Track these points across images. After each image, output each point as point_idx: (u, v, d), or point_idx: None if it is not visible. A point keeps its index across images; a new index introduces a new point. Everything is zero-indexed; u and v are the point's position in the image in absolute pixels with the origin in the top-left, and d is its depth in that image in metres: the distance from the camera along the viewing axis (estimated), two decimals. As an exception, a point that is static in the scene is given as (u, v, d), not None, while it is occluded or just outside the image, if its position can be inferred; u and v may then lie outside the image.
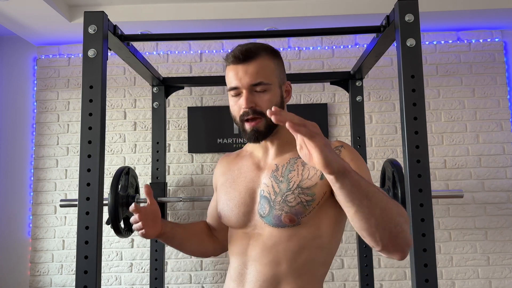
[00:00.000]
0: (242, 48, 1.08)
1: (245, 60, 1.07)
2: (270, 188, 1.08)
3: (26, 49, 2.73)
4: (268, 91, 1.08)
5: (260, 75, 1.06)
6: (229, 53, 1.10)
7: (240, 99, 1.08)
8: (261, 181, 1.12)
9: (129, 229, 2.24)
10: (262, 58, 1.08)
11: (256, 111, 1.07)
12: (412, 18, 1.40)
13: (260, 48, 1.10)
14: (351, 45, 2.67)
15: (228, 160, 1.26)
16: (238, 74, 1.07)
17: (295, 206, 1.04)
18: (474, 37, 2.63)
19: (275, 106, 0.76)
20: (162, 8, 2.38)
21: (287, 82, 1.17)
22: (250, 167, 1.16)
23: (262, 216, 1.09)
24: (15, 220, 2.63)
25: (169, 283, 2.53)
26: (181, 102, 2.66)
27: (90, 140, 1.38)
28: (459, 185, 2.52)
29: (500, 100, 2.58)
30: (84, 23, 1.44)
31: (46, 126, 2.66)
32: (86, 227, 1.33)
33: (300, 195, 1.05)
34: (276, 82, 1.10)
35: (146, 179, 2.57)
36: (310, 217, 1.05)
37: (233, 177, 1.18)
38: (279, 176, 1.09)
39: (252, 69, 1.06)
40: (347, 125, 2.58)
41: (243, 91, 1.07)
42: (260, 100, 1.07)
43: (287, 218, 1.04)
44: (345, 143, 1.12)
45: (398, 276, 2.50)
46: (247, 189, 1.13)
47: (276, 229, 1.07)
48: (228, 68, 1.10)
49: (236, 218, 1.13)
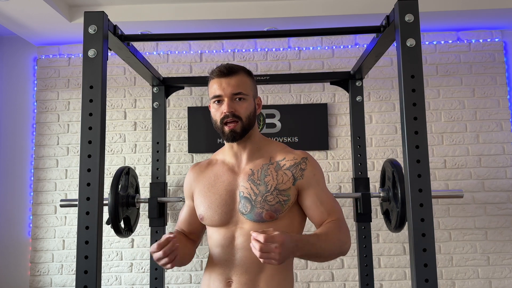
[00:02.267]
0: (226, 66, 1.32)
1: (228, 75, 1.30)
2: (249, 190, 1.30)
3: (26, 49, 2.73)
4: (245, 101, 1.31)
5: (240, 87, 1.30)
6: (214, 69, 1.33)
7: (222, 105, 1.29)
8: (238, 183, 1.33)
9: (129, 229, 2.24)
10: (241, 75, 1.32)
11: (235, 115, 1.28)
12: (412, 18, 1.40)
13: (239, 68, 1.34)
14: (351, 45, 2.67)
15: (201, 169, 1.43)
16: (221, 85, 1.29)
17: (275, 204, 1.28)
18: (474, 37, 2.63)
19: (259, 235, 1.08)
20: (162, 8, 2.38)
21: (258, 97, 1.40)
22: (226, 172, 1.36)
23: (244, 214, 1.30)
24: (15, 220, 2.63)
25: (169, 283, 2.53)
26: (181, 102, 2.66)
27: (90, 140, 1.38)
28: (459, 185, 2.52)
29: (500, 100, 2.58)
30: (84, 23, 1.44)
31: (46, 126, 2.66)
32: (86, 227, 1.33)
33: (279, 196, 1.29)
34: (251, 95, 1.33)
35: (146, 179, 2.58)
36: (285, 213, 1.30)
37: (210, 182, 1.37)
38: (256, 179, 1.31)
39: (234, 82, 1.30)
40: (347, 125, 2.58)
41: (225, 99, 1.29)
42: (239, 107, 1.30)
43: (267, 215, 1.27)
44: (309, 154, 1.37)
45: (398, 276, 2.50)
46: (227, 191, 1.33)
47: (257, 223, 1.29)
48: (212, 81, 1.32)
49: (220, 217, 1.32)
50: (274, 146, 1.40)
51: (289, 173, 1.31)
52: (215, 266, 1.33)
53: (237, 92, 1.29)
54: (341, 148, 2.59)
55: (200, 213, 1.36)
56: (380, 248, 2.52)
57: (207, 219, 1.34)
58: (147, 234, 2.54)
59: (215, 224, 1.33)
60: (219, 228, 1.33)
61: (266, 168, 1.32)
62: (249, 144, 1.35)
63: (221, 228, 1.32)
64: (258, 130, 1.42)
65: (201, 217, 1.36)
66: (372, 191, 2.39)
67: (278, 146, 1.40)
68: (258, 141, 1.37)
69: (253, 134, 1.36)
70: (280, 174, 1.31)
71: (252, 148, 1.36)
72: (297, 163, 1.33)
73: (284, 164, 1.33)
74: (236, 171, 1.36)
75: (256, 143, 1.36)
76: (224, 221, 1.31)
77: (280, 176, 1.31)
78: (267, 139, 1.43)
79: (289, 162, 1.33)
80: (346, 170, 2.56)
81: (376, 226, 2.52)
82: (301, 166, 1.33)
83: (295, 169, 1.32)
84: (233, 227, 1.31)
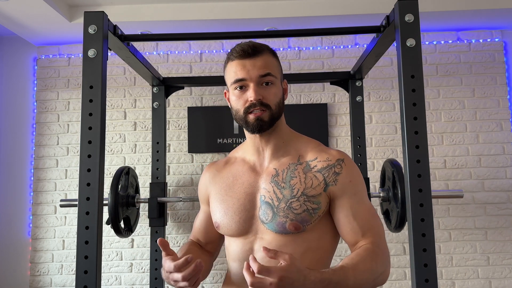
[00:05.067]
0: (249, 44, 1.11)
1: (253, 55, 1.09)
2: (272, 193, 1.09)
3: (26, 49, 2.73)
4: (273, 85, 1.10)
5: (267, 68, 1.09)
6: (234, 48, 1.11)
7: (247, 91, 1.08)
8: (260, 185, 1.12)
9: (129, 229, 2.24)
10: (267, 54, 1.12)
11: (263, 103, 1.08)
12: (412, 18, 1.40)
13: (264, 46, 1.13)
14: (351, 45, 2.67)
15: (217, 168, 1.24)
16: (245, 66, 1.08)
17: (301, 213, 1.06)
18: (474, 37, 2.63)
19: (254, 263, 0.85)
20: (162, 8, 2.38)
21: (285, 80, 1.20)
22: (246, 172, 1.16)
23: (264, 222, 1.09)
24: (15, 220, 2.63)
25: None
26: (181, 102, 2.66)
27: (90, 140, 1.38)
28: (459, 185, 2.52)
29: (500, 100, 2.58)
30: (84, 23, 1.44)
31: (46, 126, 2.66)
32: (86, 227, 1.33)
33: (306, 203, 1.06)
34: (279, 78, 1.14)
35: (146, 179, 2.58)
36: (314, 225, 1.07)
37: (227, 184, 1.17)
38: (280, 181, 1.09)
39: (260, 63, 1.08)
40: (347, 125, 2.58)
41: (250, 84, 1.08)
42: (267, 93, 1.09)
43: (292, 226, 1.05)
44: (347, 156, 1.14)
45: (398, 276, 2.50)
46: (246, 195, 1.13)
47: (279, 235, 1.07)
48: (232, 63, 1.11)
49: (237, 225, 1.12)
50: (305, 142, 1.17)
51: (320, 176, 1.09)
52: (232, 284, 1.14)
53: (265, 73, 1.08)
54: (341, 148, 2.59)
55: (216, 220, 1.17)
56: (380, 248, 2.52)
57: (223, 228, 1.15)
58: (147, 234, 2.54)
59: (232, 234, 1.14)
60: (236, 239, 1.14)
61: (293, 169, 1.11)
62: (274, 138, 1.13)
63: (239, 239, 1.13)
64: (285, 121, 1.18)
65: (216, 225, 1.17)
66: (372, 191, 2.39)
67: (310, 143, 1.18)
68: (285, 135, 1.15)
69: (279, 126, 1.14)
70: (309, 177, 1.09)
71: (278, 143, 1.14)
72: (331, 165, 1.10)
73: (315, 165, 1.11)
74: (258, 171, 1.15)
75: (282, 137, 1.15)
76: (242, 231, 1.12)
77: (309, 179, 1.09)
78: (297, 133, 1.21)
79: (321, 163, 1.11)
80: (346, 170, 2.56)
81: (376, 226, 2.52)
82: (336, 170, 1.10)
83: (328, 172, 1.10)
84: (252, 237, 1.11)
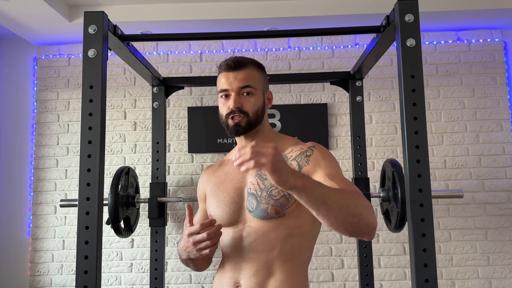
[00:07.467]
0: (234, 59, 1.28)
1: (235, 68, 1.26)
2: (255, 185, 1.24)
3: (26, 49, 2.73)
4: (253, 95, 1.26)
5: (247, 81, 1.25)
6: (222, 62, 1.29)
7: (229, 100, 1.25)
8: (247, 180, 1.28)
9: (129, 229, 2.24)
10: (250, 68, 1.28)
11: (242, 110, 1.24)
12: (412, 18, 1.40)
13: (248, 60, 1.30)
14: (351, 45, 2.67)
15: (213, 169, 1.41)
16: (229, 79, 1.25)
17: (280, 199, 1.20)
18: (474, 37, 2.63)
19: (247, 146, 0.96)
20: (162, 8, 2.38)
21: (269, 91, 1.35)
22: (236, 170, 1.30)
23: (251, 211, 1.24)
24: (15, 220, 2.63)
25: (169, 283, 2.53)
26: (181, 102, 2.66)
27: (90, 140, 1.38)
28: (459, 185, 2.52)
29: (500, 100, 2.58)
30: (84, 23, 1.44)
31: (46, 126, 2.66)
32: (86, 227, 1.33)
33: None
34: (260, 89, 1.29)
35: (146, 179, 2.58)
36: (293, 208, 1.21)
37: (220, 181, 1.33)
38: (263, 174, 1.23)
39: (241, 76, 1.25)
40: (347, 125, 2.58)
41: (231, 93, 1.25)
42: (246, 102, 1.25)
43: (273, 210, 1.20)
44: (317, 144, 1.28)
45: (398, 276, 2.50)
46: (235, 189, 1.28)
47: (264, 221, 1.22)
48: (220, 74, 1.29)
49: (228, 216, 1.27)
50: (285, 141, 1.33)
51: (294, 163, 1.23)
52: (225, 269, 1.28)
53: (244, 85, 1.24)
54: (341, 148, 2.59)
55: (210, 212, 1.31)
56: (380, 248, 2.52)
57: (216, 219, 1.26)
58: (147, 234, 2.54)
59: (224, 224, 1.27)
60: (228, 228, 1.27)
61: None
62: (257, 139, 1.27)
63: (230, 228, 1.27)
64: (269, 125, 1.35)
65: (210, 217, 1.29)
66: (372, 191, 2.39)
67: (290, 140, 1.34)
68: (267, 136, 1.31)
69: (262, 130, 1.30)
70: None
71: (261, 143, 1.26)
72: (303, 151, 1.24)
73: (291, 155, 1.25)
74: None
75: (265, 139, 1.28)
76: (232, 221, 1.26)
77: None
78: (280, 134, 1.37)
79: (295, 152, 1.25)
80: (346, 170, 2.56)
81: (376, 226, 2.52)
82: (307, 153, 1.23)
83: (300, 157, 1.23)
84: (241, 226, 1.25)
